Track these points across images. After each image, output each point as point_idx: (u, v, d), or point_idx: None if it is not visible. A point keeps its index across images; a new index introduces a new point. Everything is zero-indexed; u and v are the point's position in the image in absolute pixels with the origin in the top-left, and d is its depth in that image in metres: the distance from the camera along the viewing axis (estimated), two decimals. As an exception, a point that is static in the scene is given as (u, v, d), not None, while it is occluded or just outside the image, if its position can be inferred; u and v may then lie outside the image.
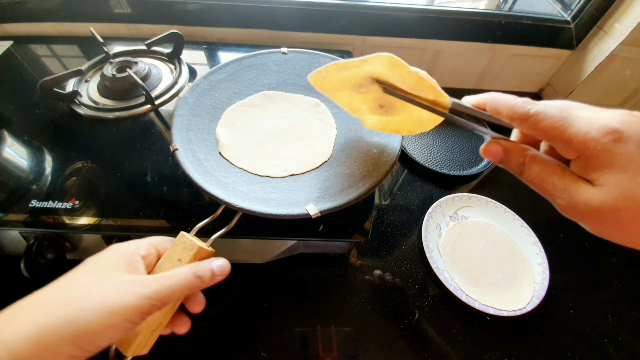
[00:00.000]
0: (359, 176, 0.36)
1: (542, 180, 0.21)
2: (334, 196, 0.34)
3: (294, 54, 0.50)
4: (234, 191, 0.34)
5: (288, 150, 0.41)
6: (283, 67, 0.49)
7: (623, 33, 0.62)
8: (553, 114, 0.20)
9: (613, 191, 0.18)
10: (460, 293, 0.45)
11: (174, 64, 0.57)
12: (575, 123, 0.19)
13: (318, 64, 0.48)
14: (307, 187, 0.36)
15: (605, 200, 0.18)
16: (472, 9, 0.70)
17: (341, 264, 0.48)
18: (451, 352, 0.41)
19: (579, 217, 0.20)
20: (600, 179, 0.18)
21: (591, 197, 0.18)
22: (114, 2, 0.63)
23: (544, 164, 0.21)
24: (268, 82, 0.48)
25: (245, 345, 0.40)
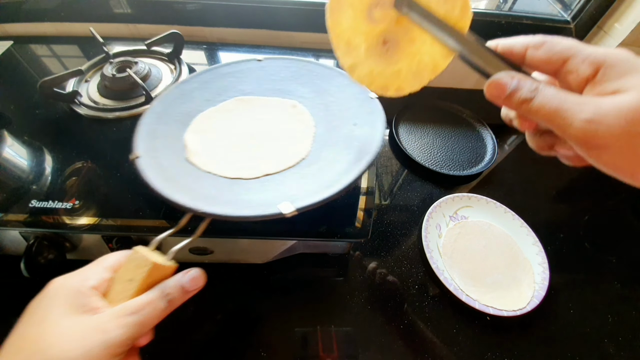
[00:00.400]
0: (340, 171, 0.34)
1: (559, 100, 0.18)
2: (313, 193, 0.31)
3: (270, 61, 0.49)
4: (200, 196, 0.32)
5: (262, 151, 0.39)
6: (258, 73, 0.48)
7: (623, 33, 0.62)
8: (567, 41, 0.20)
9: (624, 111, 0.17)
10: (460, 293, 0.45)
11: (174, 64, 0.57)
12: (588, 46, 0.19)
13: (295, 68, 0.48)
14: (283, 186, 0.35)
15: (637, 101, 0.17)
16: (472, 9, 0.70)
17: (341, 264, 0.48)
18: (451, 352, 0.41)
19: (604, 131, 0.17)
20: (626, 84, 0.17)
21: (619, 102, 0.17)
22: (114, 2, 0.63)
23: (557, 86, 0.20)
24: (242, 88, 0.46)
25: (245, 345, 0.40)
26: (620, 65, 0.18)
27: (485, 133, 0.69)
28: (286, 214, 0.29)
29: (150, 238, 0.39)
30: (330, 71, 0.47)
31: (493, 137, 0.67)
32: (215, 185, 0.35)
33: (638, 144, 0.17)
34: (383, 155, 0.64)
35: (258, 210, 0.30)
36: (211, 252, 0.42)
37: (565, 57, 0.19)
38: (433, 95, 0.76)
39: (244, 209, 0.30)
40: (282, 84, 0.35)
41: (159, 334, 0.41)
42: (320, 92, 0.46)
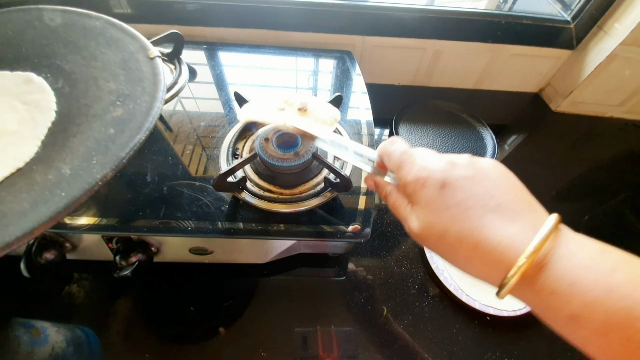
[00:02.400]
0: (68, 177, 0.25)
1: (395, 210, 0.27)
2: (2, 228, 0.22)
3: None
4: None
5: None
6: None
7: (623, 33, 0.62)
8: (396, 156, 0.26)
9: (420, 224, 0.23)
10: (460, 293, 0.45)
11: (174, 64, 0.57)
12: (405, 167, 0.25)
13: (32, 24, 0.35)
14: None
15: (418, 230, 0.24)
16: (472, 9, 0.70)
17: (341, 264, 0.48)
18: (451, 352, 0.41)
19: (415, 240, 0.25)
20: (416, 212, 0.24)
21: (414, 227, 0.24)
22: (114, 2, 0.63)
23: (396, 198, 0.27)
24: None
25: (245, 345, 0.40)
26: (412, 196, 0.24)
27: (485, 133, 0.69)
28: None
29: (150, 238, 0.40)
30: (96, 22, 0.36)
31: (493, 137, 0.67)
32: None
33: (430, 250, 0.25)
34: (383, 155, 0.64)
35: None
36: (211, 252, 0.42)
37: (395, 174, 0.27)
38: (433, 95, 0.76)
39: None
40: (19, 50, 0.27)
41: (159, 333, 0.41)
42: (76, 55, 0.34)
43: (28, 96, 0.31)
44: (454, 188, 0.22)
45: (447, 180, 0.22)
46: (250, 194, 0.40)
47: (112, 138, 0.26)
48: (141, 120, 0.27)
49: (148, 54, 0.32)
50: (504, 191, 0.22)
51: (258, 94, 0.44)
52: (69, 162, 0.26)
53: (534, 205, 0.22)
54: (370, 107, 0.53)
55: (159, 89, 0.30)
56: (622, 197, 0.62)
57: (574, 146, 0.72)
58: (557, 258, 0.19)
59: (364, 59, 0.73)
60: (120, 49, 0.34)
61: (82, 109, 0.30)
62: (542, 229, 0.19)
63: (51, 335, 0.39)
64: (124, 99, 0.30)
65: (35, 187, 0.25)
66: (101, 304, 0.43)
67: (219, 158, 0.43)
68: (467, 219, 0.21)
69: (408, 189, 0.24)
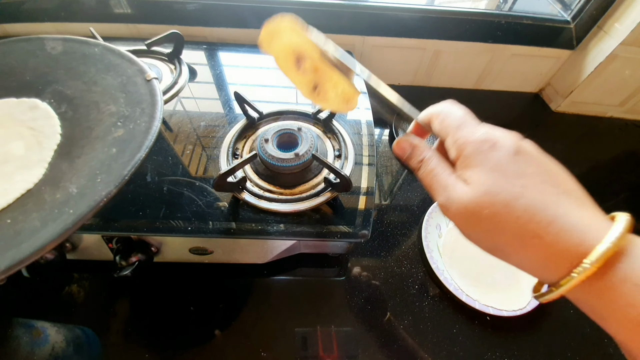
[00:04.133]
0: (75, 196, 0.26)
1: (432, 178, 0.23)
2: (16, 246, 0.23)
3: (4, 46, 0.38)
4: None
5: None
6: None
7: (623, 33, 0.62)
8: (456, 115, 0.23)
9: (479, 188, 0.20)
10: (460, 293, 0.45)
11: (174, 64, 0.57)
12: (467, 127, 0.22)
13: (34, 54, 0.37)
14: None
15: (472, 197, 0.20)
16: (472, 9, 0.70)
17: (341, 264, 0.48)
18: (451, 352, 0.41)
19: (452, 215, 0.21)
20: (472, 177, 0.20)
21: (463, 194, 0.20)
22: (114, 2, 0.63)
23: (437, 163, 0.23)
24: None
25: (245, 345, 0.40)
26: (472, 157, 0.21)
27: (485, 133, 0.68)
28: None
29: (150, 238, 0.40)
30: (95, 49, 0.37)
31: (493, 137, 0.67)
32: None
33: (473, 228, 0.21)
34: (383, 156, 0.64)
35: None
36: (211, 252, 0.42)
37: (447, 134, 0.23)
38: (433, 95, 0.76)
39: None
40: (22, 79, 0.29)
41: (159, 333, 0.41)
42: (77, 81, 0.36)
43: (34, 122, 0.33)
44: (530, 157, 0.20)
45: (521, 148, 0.20)
46: (250, 194, 0.40)
47: (115, 157, 0.28)
48: (141, 139, 0.29)
49: (145, 77, 0.34)
50: (571, 180, 0.20)
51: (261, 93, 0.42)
52: (75, 182, 0.27)
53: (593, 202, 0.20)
54: (370, 107, 0.53)
55: (157, 109, 0.31)
56: (622, 197, 0.62)
57: (574, 146, 0.72)
58: (629, 255, 0.17)
59: (364, 59, 0.73)
60: (119, 73, 0.35)
61: (85, 132, 0.32)
62: (620, 218, 0.18)
63: (51, 335, 0.39)
64: (124, 120, 0.31)
65: (45, 207, 0.26)
66: (101, 304, 0.43)
67: (219, 158, 0.43)
68: (543, 191, 0.19)
69: (467, 149, 0.21)
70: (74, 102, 0.34)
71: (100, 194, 0.25)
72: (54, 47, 0.38)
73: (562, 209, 0.18)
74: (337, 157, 0.45)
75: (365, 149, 0.47)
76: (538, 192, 0.19)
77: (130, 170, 0.26)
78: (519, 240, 0.19)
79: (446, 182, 0.22)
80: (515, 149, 0.20)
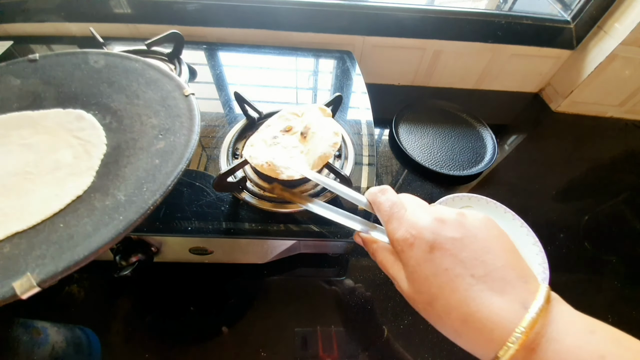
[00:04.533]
0: (124, 203, 0.27)
1: (383, 268, 0.26)
2: (71, 249, 0.24)
3: (47, 60, 0.39)
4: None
5: (19, 196, 0.29)
6: (31, 79, 0.38)
7: (623, 33, 0.62)
8: (385, 208, 0.26)
9: (408, 288, 0.23)
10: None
11: (174, 64, 0.57)
12: (393, 222, 0.25)
13: (79, 67, 0.39)
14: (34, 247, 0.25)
15: (407, 292, 0.23)
16: (472, 9, 0.70)
17: (341, 264, 0.48)
18: (451, 352, 0.41)
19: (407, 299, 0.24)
20: (403, 273, 0.23)
21: (403, 288, 0.24)
22: (114, 2, 0.63)
23: (383, 253, 0.27)
24: (4, 104, 0.36)
25: (245, 345, 0.40)
26: (399, 253, 0.24)
27: (485, 133, 0.69)
28: (21, 296, 0.22)
29: (150, 238, 0.40)
30: (136, 64, 0.39)
31: (493, 137, 0.67)
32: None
33: (427, 317, 0.23)
34: (383, 156, 0.64)
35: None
36: (211, 252, 0.42)
37: (382, 224, 0.27)
38: (433, 95, 0.76)
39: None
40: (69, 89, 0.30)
41: (159, 333, 0.41)
42: (121, 94, 0.37)
43: (81, 132, 0.35)
44: (442, 251, 0.21)
45: (436, 242, 0.22)
46: (250, 194, 0.40)
47: (158, 168, 0.30)
48: (181, 151, 0.31)
49: (183, 92, 0.36)
50: (494, 256, 0.21)
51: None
52: (122, 190, 0.29)
53: (525, 270, 0.21)
54: (370, 107, 0.53)
55: (195, 123, 0.33)
56: (622, 197, 0.62)
57: (574, 146, 0.72)
58: (545, 340, 0.18)
59: (364, 59, 0.73)
60: (159, 88, 0.37)
61: (129, 143, 0.33)
62: (532, 308, 0.19)
63: (51, 335, 0.39)
64: (165, 132, 0.33)
65: (96, 212, 0.27)
66: (101, 304, 0.43)
67: (219, 158, 0.43)
68: (456, 289, 0.20)
69: (396, 247, 0.24)
70: (118, 114, 0.36)
71: (147, 202, 0.27)
72: (97, 60, 0.40)
73: (475, 304, 0.20)
74: (337, 157, 0.45)
75: (365, 149, 0.47)
76: (452, 290, 0.21)
77: (173, 181, 0.28)
78: (450, 330, 0.21)
79: (393, 274, 0.25)
80: (430, 245, 0.22)
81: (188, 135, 0.32)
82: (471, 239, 0.22)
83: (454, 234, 0.22)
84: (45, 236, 0.26)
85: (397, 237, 0.24)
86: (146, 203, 0.27)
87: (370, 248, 0.28)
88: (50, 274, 0.23)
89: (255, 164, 0.36)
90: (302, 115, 0.42)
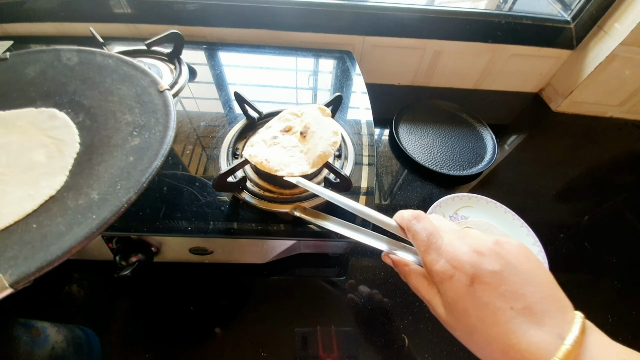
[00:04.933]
0: (97, 201, 0.27)
1: (417, 290, 0.27)
2: (44, 249, 0.24)
3: (18, 58, 0.38)
4: None
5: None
6: (1, 78, 0.37)
7: (623, 33, 0.62)
8: (422, 238, 0.26)
9: (448, 315, 0.24)
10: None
11: (174, 64, 0.57)
12: (431, 253, 0.25)
13: (51, 64, 0.38)
14: (7, 248, 0.25)
15: (445, 319, 0.24)
16: (472, 9, 0.70)
17: (341, 264, 0.48)
18: (451, 352, 0.41)
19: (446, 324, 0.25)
20: (440, 301, 0.24)
21: (440, 314, 0.24)
22: (114, 2, 0.63)
23: (416, 278, 0.27)
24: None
25: (245, 345, 0.40)
26: (437, 284, 0.24)
27: (485, 133, 0.69)
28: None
29: (150, 238, 0.40)
30: (109, 60, 0.38)
31: (493, 137, 0.67)
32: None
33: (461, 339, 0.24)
34: (383, 156, 0.64)
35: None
36: (211, 252, 0.42)
37: (417, 252, 0.26)
38: (433, 95, 0.76)
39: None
40: (43, 88, 0.29)
41: (159, 333, 0.41)
42: (94, 91, 0.37)
43: (54, 130, 0.34)
44: (482, 285, 0.22)
45: (476, 276, 0.22)
46: (250, 194, 0.40)
47: (133, 165, 0.29)
48: (157, 147, 0.30)
49: (158, 88, 0.35)
50: (533, 289, 0.22)
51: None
52: (96, 188, 0.28)
53: (562, 301, 0.22)
54: (370, 107, 0.53)
55: (170, 119, 0.33)
56: (622, 197, 0.62)
57: (574, 146, 0.72)
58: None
59: (364, 59, 0.73)
60: (134, 84, 0.36)
61: (103, 140, 0.33)
62: (568, 339, 0.19)
63: (51, 335, 0.39)
64: (140, 129, 0.32)
65: (69, 212, 0.27)
66: (101, 304, 0.43)
67: (219, 158, 0.43)
68: (496, 322, 0.21)
69: (435, 277, 0.24)
70: (92, 112, 0.35)
71: (121, 200, 0.26)
72: (70, 57, 0.39)
73: (515, 336, 0.20)
74: (337, 157, 0.45)
75: (365, 149, 0.47)
76: (492, 325, 0.21)
77: (148, 178, 0.28)
78: (488, 357, 0.22)
79: (429, 299, 0.25)
80: (470, 279, 0.22)
81: (164, 132, 0.31)
82: (511, 270, 0.22)
83: (493, 267, 0.22)
84: (19, 237, 0.26)
85: (437, 269, 0.24)
86: (120, 201, 0.26)
87: (402, 271, 0.28)
88: (23, 274, 0.22)
89: (255, 162, 0.36)
90: (301, 115, 0.42)
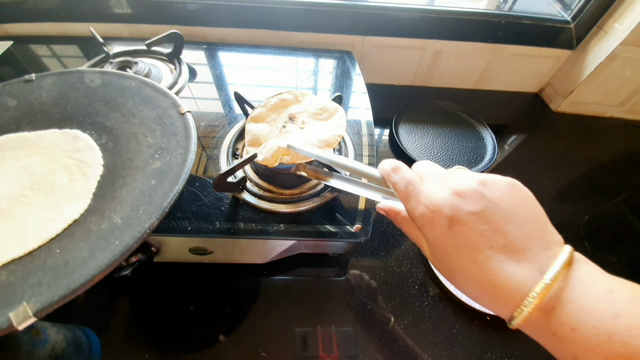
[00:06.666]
0: (120, 226, 0.27)
1: (409, 235, 0.28)
2: (67, 275, 0.24)
3: (43, 80, 0.39)
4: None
5: (15, 219, 0.28)
6: (26, 100, 0.38)
7: (623, 33, 0.62)
8: (400, 188, 0.26)
9: (432, 256, 0.25)
10: (460, 293, 0.45)
11: (174, 64, 0.57)
12: (411, 200, 0.25)
13: (75, 86, 0.39)
14: (30, 274, 0.25)
15: (431, 260, 0.25)
16: (472, 9, 0.70)
17: (341, 264, 0.48)
18: (451, 352, 0.41)
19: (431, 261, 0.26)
20: (427, 245, 0.25)
21: (427, 255, 0.26)
22: (114, 2, 0.63)
23: (407, 224, 0.28)
24: (0, 125, 0.36)
25: (245, 345, 0.40)
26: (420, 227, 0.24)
27: (485, 133, 0.69)
28: (18, 327, 0.22)
29: (150, 238, 0.40)
30: (132, 82, 0.39)
31: (493, 137, 0.67)
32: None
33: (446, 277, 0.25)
34: (383, 156, 0.64)
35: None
36: (211, 252, 0.42)
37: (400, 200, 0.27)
38: (433, 95, 0.76)
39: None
40: (65, 109, 0.30)
41: (159, 333, 0.41)
42: (116, 113, 0.37)
43: (77, 152, 0.34)
44: (460, 227, 0.21)
45: (454, 218, 0.22)
46: (250, 194, 0.40)
47: (155, 189, 0.29)
48: (178, 171, 0.30)
49: (179, 110, 0.35)
50: (515, 226, 0.21)
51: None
52: (119, 212, 0.28)
53: (549, 236, 0.21)
54: (370, 107, 0.53)
55: (191, 141, 0.33)
56: (622, 197, 0.62)
57: (574, 146, 0.72)
58: (560, 303, 0.19)
59: (364, 59, 0.73)
60: (155, 106, 0.37)
61: (125, 162, 0.33)
62: (547, 273, 0.19)
63: (51, 335, 0.39)
64: (161, 152, 0.32)
65: (92, 237, 0.27)
66: (101, 304, 0.43)
67: (219, 158, 0.43)
68: (474, 261, 0.21)
69: (417, 223, 0.24)
70: (114, 133, 0.35)
71: (143, 226, 0.26)
72: (93, 79, 0.40)
73: (493, 273, 0.21)
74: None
75: (365, 149, 0.47)
76: (470, 263, 0.21)
77: (170, 203, 0.27)
78: (470, 294, 0.23)
79: (419, 242, 0.26)
80: (448, 222, 0.22)
81: (184, 155, 0.31)
82: (493, 210, 0.21)
83: (473, 208, 0.21)
84: (42, 262, 0.26)
85: (417, 214, 0.24)
86: (142, 227, 0.26)
87: (395, 219, 0.29)
88: (46, 303, 0.22)
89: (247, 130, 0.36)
90: (303, 99, 0.42)
